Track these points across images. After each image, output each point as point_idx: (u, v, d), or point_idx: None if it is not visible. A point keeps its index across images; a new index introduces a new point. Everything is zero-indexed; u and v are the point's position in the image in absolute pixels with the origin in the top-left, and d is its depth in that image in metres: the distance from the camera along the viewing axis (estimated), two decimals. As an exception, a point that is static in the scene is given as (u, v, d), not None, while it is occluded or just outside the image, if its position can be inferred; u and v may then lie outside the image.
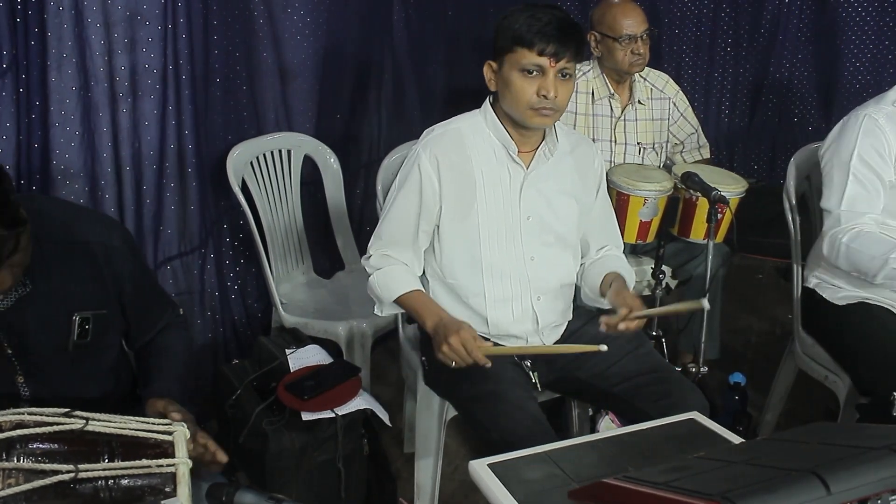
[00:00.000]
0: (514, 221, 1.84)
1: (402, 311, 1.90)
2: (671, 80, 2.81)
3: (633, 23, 2.52)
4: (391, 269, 1.86)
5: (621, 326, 1.68)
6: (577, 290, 2.00)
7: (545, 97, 1.70)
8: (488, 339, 1.88)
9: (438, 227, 1.85)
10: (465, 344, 1.64)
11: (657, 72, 2.80)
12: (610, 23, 2.55)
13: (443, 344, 1.66)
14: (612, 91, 2.66)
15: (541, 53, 1.68)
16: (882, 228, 1.94)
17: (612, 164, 2.66)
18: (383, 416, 1.93)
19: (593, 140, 2.66)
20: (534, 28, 1.68)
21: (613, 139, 2.69)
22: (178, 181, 2.32)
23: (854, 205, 1.92)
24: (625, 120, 2.70)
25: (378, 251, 1.88)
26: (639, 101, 2.71)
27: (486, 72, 1.79)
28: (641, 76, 2.73)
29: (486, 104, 1.85)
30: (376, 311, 1.92)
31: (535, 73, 1.70)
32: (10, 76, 1.89)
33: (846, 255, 1.91)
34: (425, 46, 3.35)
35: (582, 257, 1.98)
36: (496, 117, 1.82)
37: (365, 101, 3.07)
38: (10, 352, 1.38)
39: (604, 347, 1.58)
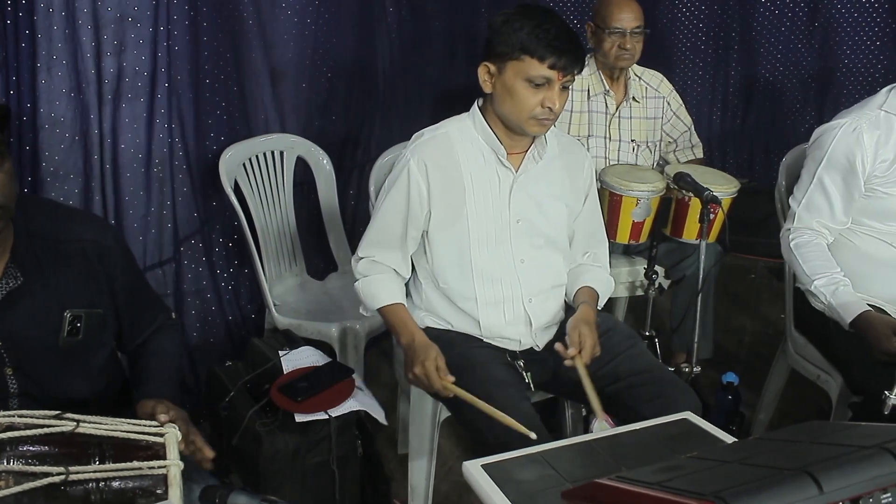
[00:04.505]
0: (503, 225, 1.84)
1: None
2: (665, 80, 2.83)
3: (625, 17, 2.56)
4: (376, 279, 1.90)
5: (566, 363, 1.74)
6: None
7: (549, 109, 1.70)
8: (482, 341, 1.89)
9: (427, 231, 1.86)
10: (428, 376, 1.71)
11: (651, 71, 2.81)
12: (604, 14, 2.59)
13: (409, 370, 1.75)
14: (608, 87, 2.67)
15: (552, 67, 1.68)
16: (849, 231, 2.06)
17: (607, 161, 2.68)
18: (379, 414, 1.92)
19: (588, 136, 2.67)
20: (543, 40, 1.66)
21: (608, 135, 2.70)
22: (170, 183, 2.31)
23: (809, 208, 2.05)
24: (619, 117, 2.70)
25: (366, 254, 1.91)
26: (633, 99, 2.72)
27: (482, 73, 1.78)
28: (636, 75, 2.74)
29: (475, 107, 1.85)
30: (361, 311, 1.99)
31: (542, 84, 1.70)
32: (0, 78, 1.88)
33: (789, 256, 2.09)
34: (417, 47, 3.35)
35: None
36: (485, 121, 1.82)
37: (357, 102, 3.06)
38: None
39: (533, 435, 1.54)
